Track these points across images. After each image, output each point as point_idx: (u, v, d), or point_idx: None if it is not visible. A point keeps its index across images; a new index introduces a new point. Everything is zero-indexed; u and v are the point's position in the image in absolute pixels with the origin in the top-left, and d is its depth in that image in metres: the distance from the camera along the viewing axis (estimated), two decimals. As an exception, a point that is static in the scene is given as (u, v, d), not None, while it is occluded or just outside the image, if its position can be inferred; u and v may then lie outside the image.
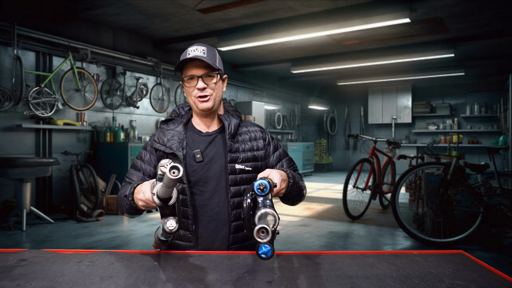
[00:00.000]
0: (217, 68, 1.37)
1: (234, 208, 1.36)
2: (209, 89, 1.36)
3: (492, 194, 3.81)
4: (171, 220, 0.98)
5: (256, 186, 0.98)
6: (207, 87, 1.35)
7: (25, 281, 0.94)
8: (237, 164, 1.38)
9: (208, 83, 1.36)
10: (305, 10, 5.37)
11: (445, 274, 0.99)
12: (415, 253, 1.18)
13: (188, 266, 1.06)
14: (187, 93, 1.40)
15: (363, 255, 1.16)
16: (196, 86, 1.35)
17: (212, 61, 1.35)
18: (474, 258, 1.13)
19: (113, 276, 0.98)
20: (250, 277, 0.97)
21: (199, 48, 1.35)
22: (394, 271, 1.02)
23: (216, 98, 1.39)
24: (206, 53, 1.34)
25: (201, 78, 1.34)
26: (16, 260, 1.10)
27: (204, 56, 1.33)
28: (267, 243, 0.87)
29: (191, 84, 1.37)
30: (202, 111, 1.40)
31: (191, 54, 1.33)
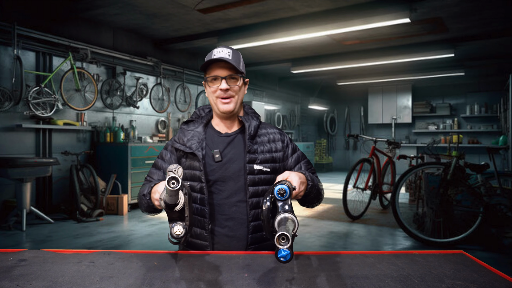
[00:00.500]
0: (241, 71, 1.40)
1: (252, 208, 1.38)
2: (232, 91, 1.38)
3: (492, 194, 3.81)
4: (178, 226, 0.98)
5: (276, 191, 0.98)
6: (230, 89, 1.37)
7: (25, 281, 0.94)
8: (256, 165, 1.39)
9: (231, 85, 1.38)
10: (305, 10, 5.37)
11: (445, 274, 0.99)
12: (415, 253, 1.18)
13: (188, 266, 1.06)
14: (209, 94, 1.42)
15: (363, 255, 1.16)
16: (219, 87, 1.37)
17: (237, 64, 1.37)
18: (474, 258, 1.13)
19: (112, 276, 0.98)
20: (250, 277, 0.97)
21: (224, 50, 1.37)
22: (394, 271, 1.02)
23: (237, 101, 1.41)
24: (231, 56, 1.37)
25: (225, 79, 1.36)
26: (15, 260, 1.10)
27: (229, 58, 1.35)
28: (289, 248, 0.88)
29: (214, 84, 1.38)
30: (223, 113, 1.41)
31: (216, 55, 1.35)
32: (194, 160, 1.40)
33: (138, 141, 6.23)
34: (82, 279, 0.96)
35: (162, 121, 7.20)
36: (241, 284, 0.93)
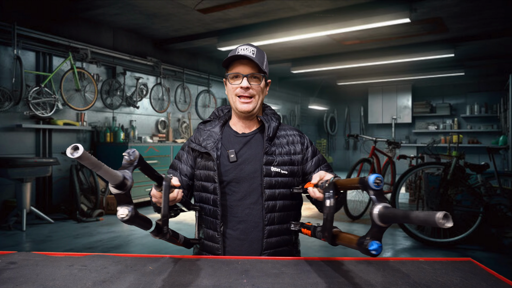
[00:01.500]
0: (264, 70, 1.35)
1: (268, 212, 1.33)
2: (253, 90, 1.33)
3: (492, 194, 3.81)
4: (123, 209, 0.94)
5: (372, 180, 0.85)
6: (251, 87, 1.33)
7: (14, 285, 0.91)
8: (273, 167, 1.34)
9: (253, 84, 1.33)
10: (305, 10, 5.36)
11: (452, 283, 0.96)
12: (421, 260, 1.14)
13: (184, 270, 1.04)
14: (229, 91, 1.37)
15: (367, 261, 1.12)
16: (240, 84, 1.32)
17: (260, 63, 1.32)
18: (483, 266, 1.08)
19: (106, 281, 0.95)
20: (249, 283, 0.95)
21: (249, 48, 1.32)
22: (399, 279, 0.98)
23: (258, 102, 1.36)
24: (255, 54, 1.32)
25: (247, 77, 1.32)
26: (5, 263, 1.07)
27: (253, 56, 1.30)
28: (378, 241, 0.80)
29: (235, 81, 1.34)
30: (241, 113, 1.37)
31: (240, 52, 1.31)
32: (209, 160, 1.36)
33: (138, 141, 6.22)
34: (74, 283, 0.93)
35: (162, 121, 7.19)
36: (239, 288, 0.91)
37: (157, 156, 6.11)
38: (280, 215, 1.36)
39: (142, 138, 6.37)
